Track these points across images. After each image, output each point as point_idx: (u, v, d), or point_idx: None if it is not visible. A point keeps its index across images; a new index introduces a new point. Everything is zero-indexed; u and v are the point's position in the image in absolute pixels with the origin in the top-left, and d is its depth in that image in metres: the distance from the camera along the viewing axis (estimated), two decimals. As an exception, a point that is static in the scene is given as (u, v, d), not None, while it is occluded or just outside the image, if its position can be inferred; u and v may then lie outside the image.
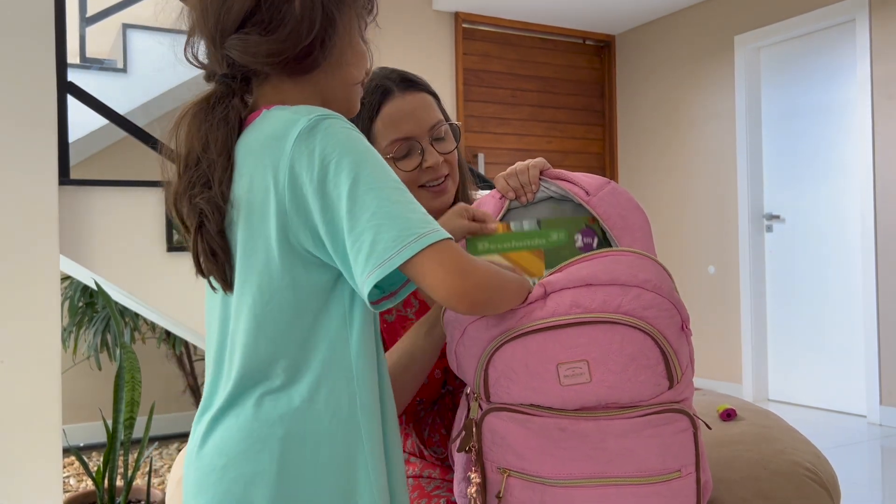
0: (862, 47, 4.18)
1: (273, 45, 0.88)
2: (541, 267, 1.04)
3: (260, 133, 0.87)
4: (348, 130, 0.84)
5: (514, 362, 0.92)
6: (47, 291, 2.20)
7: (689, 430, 0.92)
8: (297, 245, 0.84)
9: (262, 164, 0.85)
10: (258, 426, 0.85)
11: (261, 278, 0.86)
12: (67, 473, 3.33)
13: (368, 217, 0.79)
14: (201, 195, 0.88)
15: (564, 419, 0.92)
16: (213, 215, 0.87)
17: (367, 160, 0.82)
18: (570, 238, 1.04)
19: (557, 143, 5.61)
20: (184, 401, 4.08)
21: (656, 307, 0.89)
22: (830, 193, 4.43)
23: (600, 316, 0.88)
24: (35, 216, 2.20)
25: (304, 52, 0.89)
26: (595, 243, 1.05)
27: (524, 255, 1.04)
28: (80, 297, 3.41)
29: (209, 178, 0.88)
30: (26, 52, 2.21)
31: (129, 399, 2.34)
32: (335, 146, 0.82)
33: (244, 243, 0.87)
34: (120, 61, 3.44)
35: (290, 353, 0.86)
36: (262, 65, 0.89)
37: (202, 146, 0.88)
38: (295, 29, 0.88)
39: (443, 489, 1.22)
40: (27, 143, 2.20)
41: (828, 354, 4.44)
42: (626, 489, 0.91)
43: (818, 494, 1.20)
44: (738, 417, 1.41)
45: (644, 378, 0.90)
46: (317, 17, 0.89)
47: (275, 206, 0.83)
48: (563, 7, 5.18)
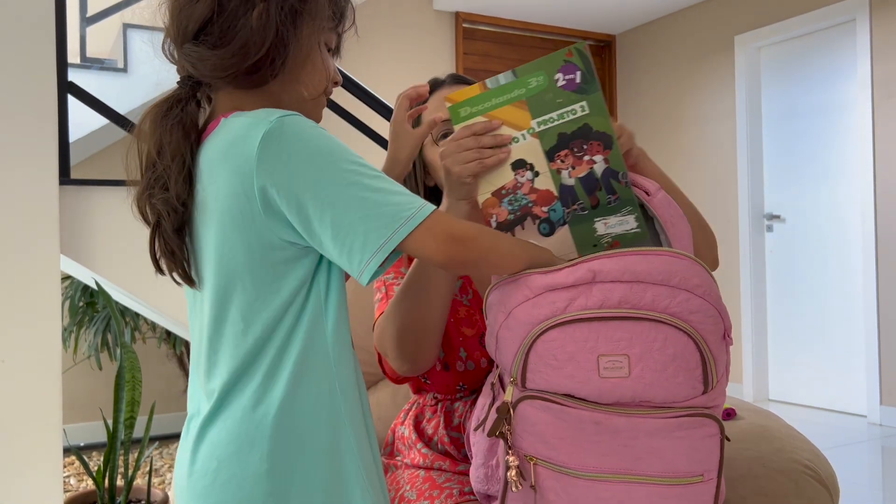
0: (862, 47, 4.18)
1: (219, 59, 0.90)
2: (527, 118, 1.01)
3: (221, 141, 0.88)
4: (312, 128, 0.85)
5: (556, 349, 0.92)
6: (48, 291, 2.21)
7: (717, 435, 0.93)
8: (277, 244, 0.86)
9: (227, 171, 0.86)
10: (246, 426, 0.87)
11: (243, 282, 0.87)
12: (68, 473, 3.34)
13: (355, 209, 0.82)
14: (159, 196, 0.90)
15: (599, 413, 0.92)
16: (169, 216, 0.90)
17: (338, 154, 0.84)
18: (551, 80, 1.00)
19: (558, 142, 5.60)
20: (184, 400, 4.08)
21: (703, 312, 0.90)
22: (831, 193, 4.43)
23: (646, 313, 0.89)
24: (35, 216, 2.20)
25: (251, 68, 0.90)
26: (578, 77, 1.00)
27: (507, 109, 1.01)
28: (81, 296, 3.41)
29: (166, 181, 0.90)
30: (27, 52, 2.22)
31: (130, 399, 2.34)
32: (303, 146, 0.83)
33: (220, 249, 0.88)
34: (120, 61, 3.44)
35: (273, 350, 0.88)
36: (209, 78, 0.92)
37: (157, 149, 0.91)
38: (244, 45, 0.89)
39: (453, 481, 1.22)
40: (28, 143, 2.20)
41: (828, 354, 4.44)
42: (650, 488, 0.92)
43: (817, 492, 1.20)
44: (738, 417, 1.41)
45: (681, 380, 0.90)
46: (268, 35, 0.90)
47: (248, 212, 0.85)
48: (564, 7, 5.18)
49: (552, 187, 1.02)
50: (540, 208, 1.02)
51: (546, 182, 1.02)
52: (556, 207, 1.02)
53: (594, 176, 1.01)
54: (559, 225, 1.02)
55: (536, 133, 1.01)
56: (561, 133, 1.01)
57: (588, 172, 1.01)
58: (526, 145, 1.01)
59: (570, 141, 1.01)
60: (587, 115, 1.00)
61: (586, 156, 1.01)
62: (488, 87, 1.01)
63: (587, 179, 1.01)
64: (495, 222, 1.03)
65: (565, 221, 1.02)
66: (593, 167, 1.01)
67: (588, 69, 0.99)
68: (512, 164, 1.02)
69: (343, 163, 0.84)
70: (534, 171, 1.02)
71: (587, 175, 1.01)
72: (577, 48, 1.00)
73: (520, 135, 1.01)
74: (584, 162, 1.01)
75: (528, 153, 1.01)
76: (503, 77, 1.01)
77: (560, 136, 1.01)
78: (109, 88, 3.32)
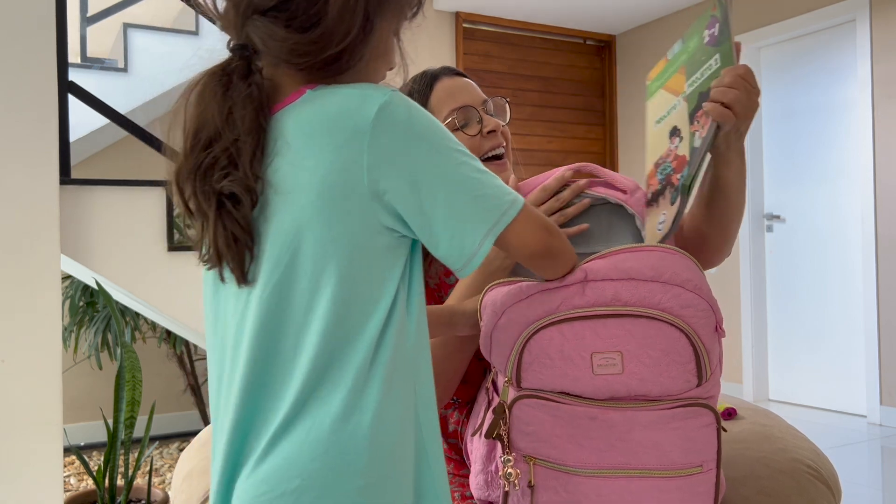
0: (862, 47, 4.18)
1: (296, 44, 0.81)
2: (682, 83, 0.97)
3: (318, 113, 0.80)
4: (415, 105, 0.81)
5: (550, 348, 0.92)
6: (48, 291, 2.20)
7: (712, 425, 0.93)
8: (376, 228, 0.79)
9: (330, 146, 0.78)
10: (337, 438, 0.77)
11: (328, 272, 0.78)
12: (68, 473, 3.33)
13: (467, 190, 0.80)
14: (227, 177, 0.79)
15: (594, 408, 0.92)
16: (246, 198, 0.79)
17: (446, 134, 0.82)
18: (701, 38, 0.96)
19: (558, 142, 5.61)
20: (184, 400, 4.08)
21: (694, 307, 0.90)
22: (831, 193, 4.44)
23: (638, 310, 0.89)
24: (36, 216, 2.20)
25: (330, 59, 0.82)
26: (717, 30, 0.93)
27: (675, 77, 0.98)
28: (81, 296, 3.41)
29: (233, 158, 0.80)
30: (27, 52, 2.21)
31: (130, 398, 2.34)
32: (417, 122, 0.80)
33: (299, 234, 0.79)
34: (121, 61, 3.44)
35: (363, 351, 0.79)
36: (279, 59, 0.83)
37: (224, 123, 0.80)
38: (327, 32, 0.81)
39: (455, 484, 1.22)
40: (28, 143, 2.20)
41: (828, 354, 4.44)
42: (650, 482, 0.92)
43: (820, 491, 1.20)
44: (739, 416, 1.41)
45: (675, 374, 0.91)
46: (354, 24, 0.82)
47: (351, 190, 0.78)
48: (564, 7, 5.18)
49: (686, 152, 0.96)
50: (675, 175, 0.97)
51: (685, 147, 0.96)
52: (685, 173, 0.95)
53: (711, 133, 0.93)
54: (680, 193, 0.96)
55: (686, 97, 0.97)
56: (700, 93, 0.95)
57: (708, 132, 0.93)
58: (680, 111, 0.98)
59: (705, 99, 0.93)
60: (718, 68, 0.93)
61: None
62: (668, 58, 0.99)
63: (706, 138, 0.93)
64: (650, 194, 1.00)
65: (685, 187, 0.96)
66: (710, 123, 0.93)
67: (724, 18, 0.92)
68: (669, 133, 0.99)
69: (451, 142, 0.82)
70: (680, 136, 0.97)
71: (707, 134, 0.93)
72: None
73: (677, 101, 0.97)
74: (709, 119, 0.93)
75: (679, 119, 0.97)
76: (677, 45, 0.99)
77: (700, 97, 0.95)
78: (110, 88, 3.32)
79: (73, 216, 2.39)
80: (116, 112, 2.59)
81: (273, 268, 0.80)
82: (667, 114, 1.01)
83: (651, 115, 1.04)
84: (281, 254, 0.80)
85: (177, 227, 3.54)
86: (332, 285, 0.78)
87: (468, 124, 1.23)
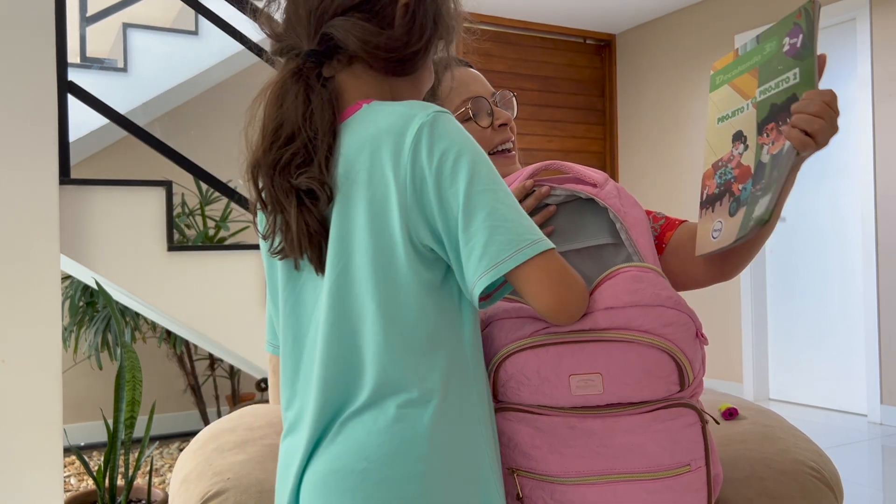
0: (862, 46, 4.18)
1: (390, 40, 0.89)
2: (754, 86, 0.95)
3: (371, 126, 0.86)
4: (463, 129, 0.85)
5: (526, 369, 0.92)
6: (48, 291, 2.20)
7: (696, 423, 0.92)
8: (417, 241, 0.84)
9: (378, 158, 0.84)
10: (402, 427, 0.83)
11: (385, 276, 0.84)
12: (68, 473, 3.33)
13: (483, 217, 0.80)
14: (303, 173, 0.85)
15: (573, 417, 0.92)
16: (322, 193, 0.85)
17: (483, 159, 0.83)
18: (779, 45, 0.92)
19: (558, 142, 5.60)
20: (184, 400, 4.08)
21: (676, 323, 0.89)
22: (831, 192, 4.43)
23: (618, 335, 0.88)
24: (35, 216, 2.20)
25: (407, 57, 0.91)
26: (799, 42, 0.90)
27: (744, 77, 0.96)
28: (81, 296, 3.41)
29: (310, 155, 0.86)
30: (27, 52, 2.21)
31: (130, 398, 2.34)
32: (454, 142, 0.82)
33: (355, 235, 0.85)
34: (120, 61, 3.44)
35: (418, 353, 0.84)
36: (367, 54, 0.89)
37: (303, 122, 0.86)
38: (407, 32, 0.90)
39: None
40: (28, 143, 2.20)
41: (828, 353, 4.44)
42: (637, 485, 0.91)
43: (822, 493, 1.20)
44: (740, 416, 1.41)
45: (656, 386, 0.90)
46: (427, 27, 0.91)
47: (397, 202, 0.83)
48: (564, 6, 5.18)
49: (752, 163, 0.94)
50: (737, 185, 0.96)
51: (749, 157, 0.95)
52: (748, 186, 0.93)
53: (783, 152, 0.91)
54: (742, 206, 0.94)
55: (756, 103, 0.95)
56: (773, 104, 0.93)
57: (780, 148, 0.91)
58: (747, 116, 0.96)
59: (779, 113, 0.92)
60: (796, 84, 0.91)
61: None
62: (739, 53, 0.97)
63: (777, 157, 0.91)
64: (706, 195, 0.99)
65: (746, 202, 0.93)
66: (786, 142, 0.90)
67: (809, 31, 0.90)
68: (732, 136, 0.97)
69: (486, 167, 0.82)
70: (745, 143, 0.96)
71: (779, 152, 0.91)
72: (805, 8, 0.90)
73: (745, 104, 0.96)
74: (782, 137, 0.91)
75: (746, 125, 0.96)
76: (749, 43, 0.96)
77: (771, 108, 0.93)
78: (109, 88, 3.32)
79: (72, 216, 2.39)
80: (116, 112, 2.59)
81: (336, 260, 0.86)
82: (731, 114, 0.99)
83: (713, 110, 1.02)
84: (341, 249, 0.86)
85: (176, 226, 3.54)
86: (377, 283, 0.84)
87: (479, 115, 1.22)
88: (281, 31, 0.93)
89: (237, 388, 3.97)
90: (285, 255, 0.90)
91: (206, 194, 3.78)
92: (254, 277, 2.63)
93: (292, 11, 0.92)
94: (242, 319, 2.60)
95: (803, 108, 0.89)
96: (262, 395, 3.98)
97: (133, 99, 3.43)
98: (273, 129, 0.87)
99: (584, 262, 1.05)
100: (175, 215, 3.60)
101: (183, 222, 3.70)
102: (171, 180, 2.61)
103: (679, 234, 1.11)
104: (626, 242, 1.02)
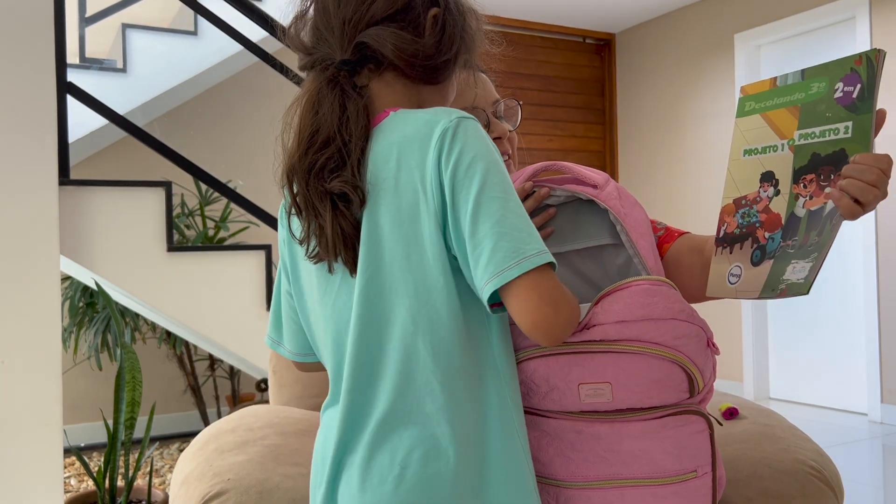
0: (862, 45, 4.18)
1: (425, 47, 0.92)
2: (793, 126, 0.90)
3: (397, 133, 0.88)
4: (485, 136, 0.86)
5: (535, 376, 0.92)
6: (47, 292, 2.20)
7: (705, 430, 0.91)
8: (446, 246, 0.85)
9: (407, 166, 0.85)
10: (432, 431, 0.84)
11: (416, 283, 0.85)
12: (68, 474, 3.33)
13: (491, 224, 0.80)
14: (337, 177, 0.87)
15: (581, 422, 0.92)
16: (355, 197, 0.86)
17: (498, 167, 0.84)
18: (830, 88, 0.88)
19: (558, 141, 5.60)
20: (184, 401, 4.08)
21: (687, 335, 0.88)
22: (831, 191, 4.43)
23: (629, 347, 0.87)
24: (35, 216, 2.20)
25: (440, 65, 0.94)
26: (856, 92, 0.85)
27: (781, 112, 0.92)
28: (81, 297, 3.41)
29: (344, 159, 0.87)
30: (26, 53, 2.21)
31: (130, 399, 2.33)
32: (471, 148, 0.83)
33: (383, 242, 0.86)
34: (119, 61, 3.44)
35: (445, 354, 0.85)
36: (402, 62, 0.91)
37: (339, 126, 0.88)
38: (438, 42, 0.93)
39: None
40: (27, 144, 2.20)
41: (829, 352, 4.44)
42: (644, 490, 0.91)
43: (822, 492, 1.20)
44: (741, 416, 1.41)
45: (665, 395, 0.90)
46: (456, 36, 0.95)
47: (425, 209, 0.84)
48: (564, 6, 5.18)
49: (783, 212, 0.90)
50: (763, 232, 0.92)
51: (780, 205, 0.91)
52: (776, 237, 0.90)
53: (823, 212, 0.86)
54: (768, 258, 0.90)
55: (794, 146, 0.90)
56: (815, 153, 0.88)
57: (820, 207, 0.86)
58: (780, 157, 0.91)
59: (821, 165, 0.87)
60: (847, 139, 0.86)
61: (829, 187, 0.86)
62: (777, 84, 0.93)
63: (816, 214, 0.86)
64: (724, 231, 0.96)
65: (773, 256, 0.90)
66: (826, 203, 0.86)
67: (870, 84, 0.85)
68: (761, 175, 0.93)
69: (499, 175, 0.83)
70: (776, 188, 0.91)
71: (818, 210, 0.86)
72: (868, 55, 0.85)
73: (780, 144, 0.92)
74: (823, 195, 0.86)
75: (779, 167, 0.91)
76: (792, 76, 0.92)
77: (813, 157, 0.88)
78: (108, 89, 3.32)
79: (72, 217, 2.39)
80: (115, 112, 2.59)
81: (366, 266, 0.87)
82: (762, 150, 0.94)
83: (740, 139, 0.96)
84: (370, 255, 0.87)
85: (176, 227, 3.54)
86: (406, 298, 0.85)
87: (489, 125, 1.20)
88: (311, 45, 0.95)
89: (237, 389, 3.97)
90: (320, 259, 0.91)
91: (206, 195, 3.78)
92: (253, 278, 2.63)
93: (323, 24, 0.93)
94: (242, 320, 2.60)
95: (858, 174, 0.83)
96: (262, 396, 3.98)
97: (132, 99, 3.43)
98: (309, 135, 0.89)
99: (584, 262, 1.05)
100: (175, 216, 3.60)
101: (182, 223, 3.70)
102: (170, 181, 2.61)
103: (678, 246, 1.09)
104: (627, 244, 1.02)
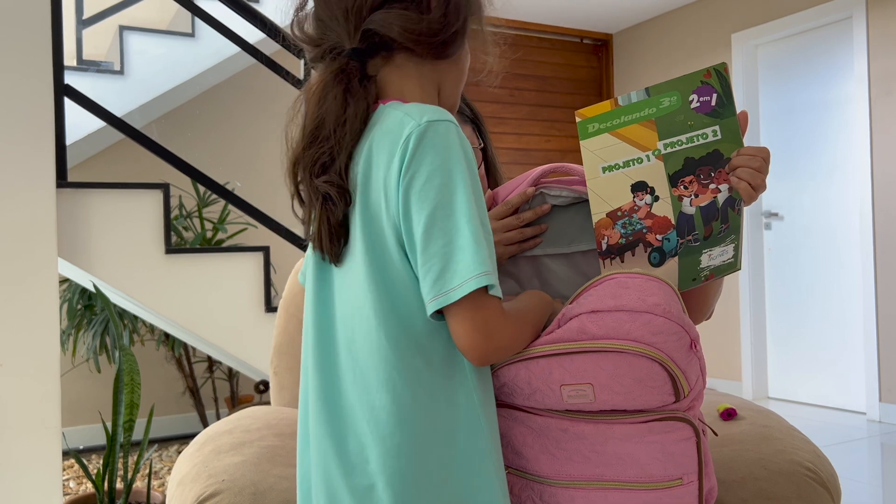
0: (859, 44, 4.18)
1: (432, 23, 0.91)
2: (654, 138, 0.96)
3: (376, 129, 0.88)
4: (454, 141, 0.84)
5: (517, 380, 0.92)
6: (46, 294, 2.20)
7: (691, 438, 0.91)
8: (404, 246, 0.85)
9: (375, 165, 0.86)
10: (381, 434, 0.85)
11: (385, 281, 0.85)
12: (67, 476, 3.33)
13: (441, 245, 0.81)
14: (324, 178, 0.88)
15: (566, 420, 0.92)
16: (340, 201, 0.87)
17: (459, 180, 0.82)
18: (684, 100, 0.95)
19: (556, 141, 5.60)
20: (183, 402, 4.08)
21: (665, 332, 0.87)
22: (829, 190, 4.44)
23: (607, 345, 0.87)
24: (33, 219, 2.20)
25: (450, 38, 0.93)
26: (714, 99, 0.94)
27: (634, 128, 0.96)
28: (79, 299, 3.41)
29: (332, 158, 0.88)
30: (23, 55, 2.21)
31: (129, 401, 2.33)
32: (432, 160, 0.82)
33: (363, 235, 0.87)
34: (117, 63, 3.43)
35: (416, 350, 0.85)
36: (411, 41, 0.90)
37: (338, 125, 0.88)
38: (444, 14, 0.92)
39: None
40: (24, 146, 2.20)
41: (827, 352, 4.44)
42: (627, 493, 0.91)
43: (818, 494, 1.20)
44: (739, 417, 1.41)
45: (649, 397, 0.90)
46: (462, 5, 0.94)
47: (385, 213, 0.85)
48: (561, 6, 5.18)
49: (670, 214, 0.97)
50: (654, 235, 0.98)
51: (665, 208, 0.97)
52: (671, 237, 0.97)
53: (716, 206, 0.96)
54: (670, 256, 0.97)
55: (661, 155, 0.96)
56: (688, 157, 0.96)
57: (711, 202, 0.96)
58: (649, 167, 0.97)
59: (698, 167, 0.96)
60: (718, 141, 0.95)
61: (712, 184, 0.96)
62: (619, 103, 0.97)
63: (708, 209, 0.96)
64: (606, 245, 0.99)
65: (676, 252, 0.97)
66: (717, 196, 0.95)
67: (726, 92, 0.95)
68: (632, 186, 0.97)
69: (460, 188, 0.82)
70: (654, 195, 0.97)
71: (709, 204, 0.96)
72: (717, 69, 0.95)
73: (644, 155, 0.97)
74: (710, 191, 0.96)
75: (650, 176, 0.97)
76: (635, 94, 0.97)
77: (686, 161, 0.96)
78: (106, 91, 3.32)
79: (70, 219, 2.38)
80: (113, 115, 2.59)
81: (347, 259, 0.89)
82: (623, 164, 0.98)
83: (593, 159, 1.00)
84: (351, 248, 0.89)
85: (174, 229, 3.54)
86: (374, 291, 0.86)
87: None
88: (317, 36, 0.93)
89: (236, 391, 3.97)
90: (317, 247, 0.93)
91: (204, 196, 3.77)
92: (252, 280, 2.63)
93: (326, 14, 0.92)
94: (240, 322, 2.60)
95: (746, 163, 0.94)
96: (260, 398, 3.98)
97: (130, 101, 3.43)
98: (311, 129, 0.90)
99: (590, 263, 1.05)
100: (172, 218, 3.60)
101: (181, 225, 3.70)
102: (168, 183, 2.61)
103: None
104: None
